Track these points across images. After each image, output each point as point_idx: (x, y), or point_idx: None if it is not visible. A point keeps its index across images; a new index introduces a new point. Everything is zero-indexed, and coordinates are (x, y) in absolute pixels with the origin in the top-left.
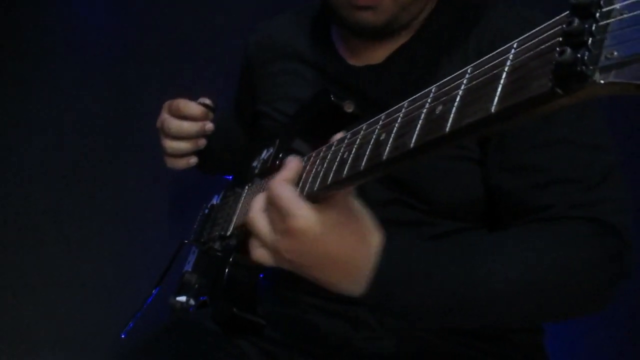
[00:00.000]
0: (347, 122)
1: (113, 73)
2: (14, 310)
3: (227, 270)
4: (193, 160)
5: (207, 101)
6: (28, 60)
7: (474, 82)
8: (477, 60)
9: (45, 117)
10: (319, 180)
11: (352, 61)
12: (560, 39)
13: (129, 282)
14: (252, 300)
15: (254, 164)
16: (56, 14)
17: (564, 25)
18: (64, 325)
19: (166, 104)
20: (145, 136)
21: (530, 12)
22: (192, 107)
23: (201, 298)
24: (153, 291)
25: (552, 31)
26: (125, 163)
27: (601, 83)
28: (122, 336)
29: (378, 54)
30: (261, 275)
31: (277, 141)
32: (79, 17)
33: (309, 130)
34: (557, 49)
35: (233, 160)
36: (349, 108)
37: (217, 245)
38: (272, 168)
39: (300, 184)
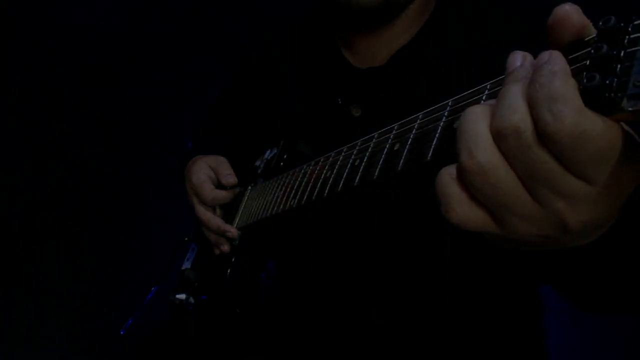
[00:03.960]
0: (353, 125)
1: (114, 73)
2: (14, 307)
3: (229, 270)
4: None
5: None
6: (29, 63)
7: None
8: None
9: (47, 118)
10: (328, 186)
11: (356, 64)
12: (588, 62)
13: (128, 279)
14: (255, 300)
15: (257, 163)
16: (56, 15)
17: (592, 51)
18: (64, 322)
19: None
20: (144, 134)
21: (537, 11)
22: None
23: (202, 297)
24: (152, 288)
25: (577, 54)
26: (124, 161)
27: (629, 110)
28: (122, 333)
29: (381, 55)
30: (263, 275)
31: (281, 142)
32: (80, 18)
33: (314, 133)
34: (585, 74)
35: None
36: (356, 112)
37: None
38: (276, 168)
39: (309, 189)
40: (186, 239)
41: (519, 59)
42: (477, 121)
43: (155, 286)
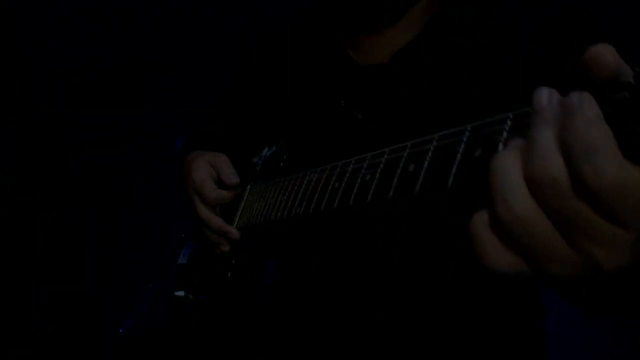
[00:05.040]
0: (356, 127)
1: (114, 73)
2: (12, 307)
3: (229, 273)
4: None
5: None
6: (29, 63)
7: (517, 130)
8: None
9: (46, 117)
10: (338, 198)
11: (359, 62)
12: (623, 107)
13: (127, 278)
14: (255, 301)
15: (255, 160)
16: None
17: (627, 94)
18: (64, 322)
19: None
20: (141, 132)
21: (537, 12)
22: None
23: (201, 296)
24: (150, 286)
25: (612, 96)
26: (123, 161)
27: None
28: (121, 331)
29: (384, 54)
30: (262, 275)
31: (281, 141)
32: (80, 18)
33: (315, 133)
34: (621, 121)
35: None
36: (359, 115)
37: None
38: (275, 168)
39: (316, 198)
40: (183, 235)
41: (545, 97)
42: (510, 169)
43: (153, 284)
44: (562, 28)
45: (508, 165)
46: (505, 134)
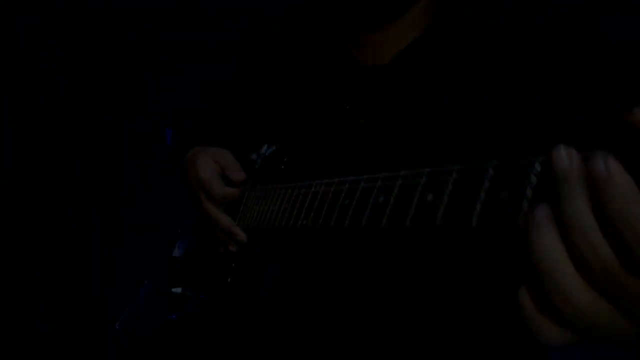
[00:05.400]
0: (358, 130)
1: (112, 73)
2: (8, 304)
3: (229, 279)
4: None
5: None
6: (29, 62)
7: (546, 176)
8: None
9: (45, 115)
10: (349, 216)
11: (362, 61)
12: None
13: (125, 275)
14: (255, 303)
15: (253, 157)
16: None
17: None
18: (64, 320)
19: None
20: (137, 130)
21: (538, 11)
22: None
23: (200, 296)
24: (145, 282)
25: None
26: (120, 159)
27: None
28: (117, 328)
29: (385, 52)
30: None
31: (281, 142)
32: (78, 17)
33: (317, 135)
34: None
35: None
36: (364, 121)
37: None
38: (276, 170)
39: (324, 213)
40: (179, 231)
41: (565, 159)
42: (558, 258)
43: (148, 281)
44: (562, 28)
45: (553, 249)
46: (533, 178)
